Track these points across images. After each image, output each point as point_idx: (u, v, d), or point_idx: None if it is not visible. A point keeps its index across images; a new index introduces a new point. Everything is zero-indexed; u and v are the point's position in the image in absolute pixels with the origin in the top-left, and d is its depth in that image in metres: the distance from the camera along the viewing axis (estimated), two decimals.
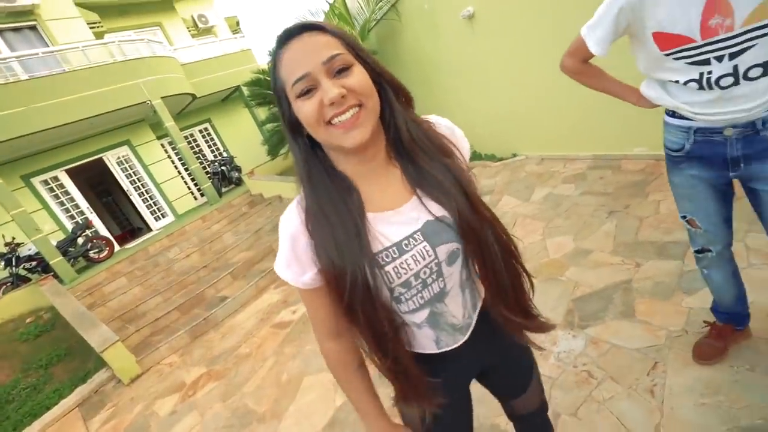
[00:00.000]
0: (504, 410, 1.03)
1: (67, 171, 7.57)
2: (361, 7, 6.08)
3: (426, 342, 0.77)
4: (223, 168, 9.33)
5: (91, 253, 6.74)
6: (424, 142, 0.71)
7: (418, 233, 0.68)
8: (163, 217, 8.63)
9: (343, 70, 0.60)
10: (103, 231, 7.81)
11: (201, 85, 8.93)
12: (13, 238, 6.37)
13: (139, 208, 8.43)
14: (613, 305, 2.03)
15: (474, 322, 0.79)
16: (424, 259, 0.68)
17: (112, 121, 7.35)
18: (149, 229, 8.52)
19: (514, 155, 5.01)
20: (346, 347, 0.75)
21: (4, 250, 6.26)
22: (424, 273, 0.69)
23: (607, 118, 3.60)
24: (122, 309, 5.01)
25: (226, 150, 10.50)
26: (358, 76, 0.61)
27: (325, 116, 0.60)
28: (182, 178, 9.25)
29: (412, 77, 6.32)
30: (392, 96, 0.69)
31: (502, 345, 0.86)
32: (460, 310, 0.76)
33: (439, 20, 5.04)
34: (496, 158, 5.28)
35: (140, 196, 8.38)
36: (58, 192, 7.48)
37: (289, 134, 0.67)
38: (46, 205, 7.28)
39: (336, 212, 0.65)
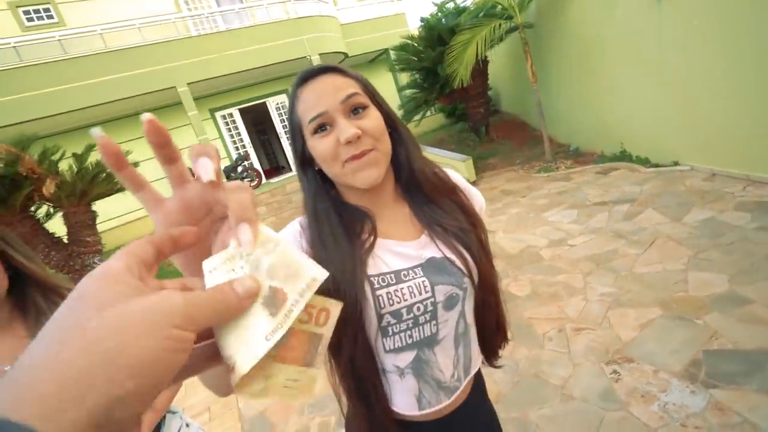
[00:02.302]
0: None
1: (239, 110, 9.12)
2: None
3: (407, 397, 0.68)
4: None
5: (246, 181, 8.15)
6: (435, 182, 0.71)
7: (419, 268, 0.65)
8: None
9: (359, 110, 0.61)
10: (256, 164, 9.30)
11: (353, 45, 9.52)
12: None
13: (286, 150, 9.74)
14: (762, 374, 1.64)
15: (462, 387, 0.72)
16: (420, 293, 0.63)
17: (277, 71, 8.48)
18: (290, 170, 9.82)
19: (675, 163, 4.17)
20: None
21: (190, 166, 8.03)
22: (418, 309, 0.64)
23: None
24: None
25: None
26: (373, 119, 0.62)
27: (341, 156, 0.60)
28: None
29: (569, 57, 5.64)
30: (406, 138, 0.70)
31: (483, 423, 0.80)
32: (450, 367, 0.69)
33: None
34: (650, 163, 4.48)
35: (288, 140, 9.64)
36: (230, 126, 9.11)
37: (300, 168, 0.68)
38: (221, 136, 8.97)
39: (338, 249, 0.62)
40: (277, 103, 9.42)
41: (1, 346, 0.74)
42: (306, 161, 0.67)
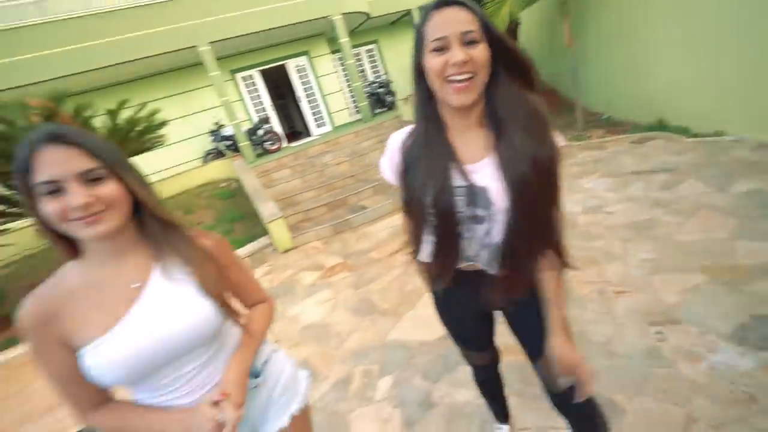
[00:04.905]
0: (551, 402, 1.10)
1: (260, 71, 8.97)
2: None
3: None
4: (380, 90, 9.78)
5: (267, 144, 8.15)
6: (519, 117, 0.80)
7: (463, 189, 0.85)
8: (323, 125, 9.72)
9: (472, 43, 0.75)
10: (277, 128, 9.24)
11: (375, 4, 9.13)
12: (219, 120, 8.08)
13: (304, 114, 9.63)
14: None
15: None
16: (460, 207, 0.87)
17: (298, 32, 8.23)
18: (308, 134, 9.75)
19: (719, 133, 4.02)
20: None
21: (214, 127, 8.03)
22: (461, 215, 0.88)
23: None
24: (283, 194, 6.09)
25: (386, 73, 10.88)
26: (481, 52, 0.76)
27: (446, 73, 0.75)
28: (344, 93, 10.06)
29: (609, 19, 5.33)
30: (503, 71, 0.80)
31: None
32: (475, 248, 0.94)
33: None
34: (690, 133, 4.32)
35: (308, 103, 9.51)
36: (251, 89, 8.99)
37: (416, 76, 0.84)
38: (242, 98, 8.88)
39: (430, 154, 0.85)
40: (297, 66, 9.21)
41: (133, 261, 0.78)
42: (421, 72, 0.83)
